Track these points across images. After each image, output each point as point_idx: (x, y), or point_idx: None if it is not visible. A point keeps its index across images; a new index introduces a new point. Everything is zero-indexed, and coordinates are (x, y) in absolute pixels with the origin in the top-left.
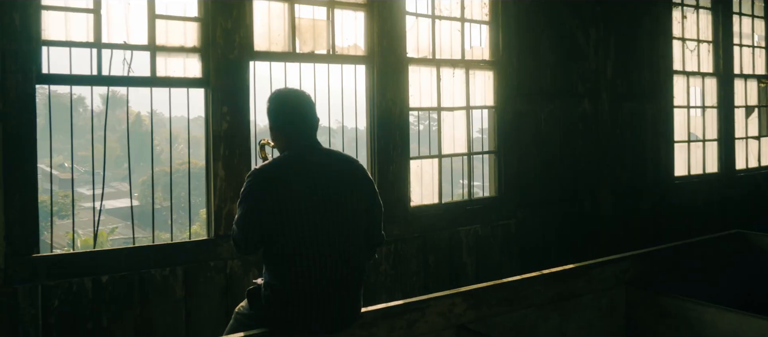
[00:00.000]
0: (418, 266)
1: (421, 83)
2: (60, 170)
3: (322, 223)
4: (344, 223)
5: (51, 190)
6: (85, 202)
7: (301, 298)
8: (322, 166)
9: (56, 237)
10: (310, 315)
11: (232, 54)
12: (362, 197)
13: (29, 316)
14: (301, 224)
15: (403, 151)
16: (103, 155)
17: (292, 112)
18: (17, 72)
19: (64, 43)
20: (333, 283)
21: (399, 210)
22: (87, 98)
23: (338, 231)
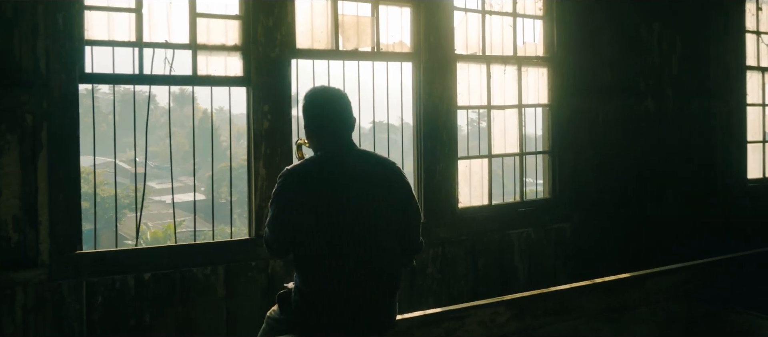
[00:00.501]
0: (467, 269)
1: (470, 81)
2: (132, 164)
3: (353, 227)
4: (376, 227)
5: (115, 184)
6: (155, 196)
7: (330, 303)
8: (355, 168)
9: (128, 229)
10: (338, 321)
11: (273, 52)
12: (396, 202)
13: (74, 311)
14: (330, 227)
15: (450, 151)
16: (169, 151)
17: (325, 111)
18: (61, 71)
19: (106, 42)
20: (363, 289)
21: (446, 212)
22: (157, 96)
23: (369, 236)
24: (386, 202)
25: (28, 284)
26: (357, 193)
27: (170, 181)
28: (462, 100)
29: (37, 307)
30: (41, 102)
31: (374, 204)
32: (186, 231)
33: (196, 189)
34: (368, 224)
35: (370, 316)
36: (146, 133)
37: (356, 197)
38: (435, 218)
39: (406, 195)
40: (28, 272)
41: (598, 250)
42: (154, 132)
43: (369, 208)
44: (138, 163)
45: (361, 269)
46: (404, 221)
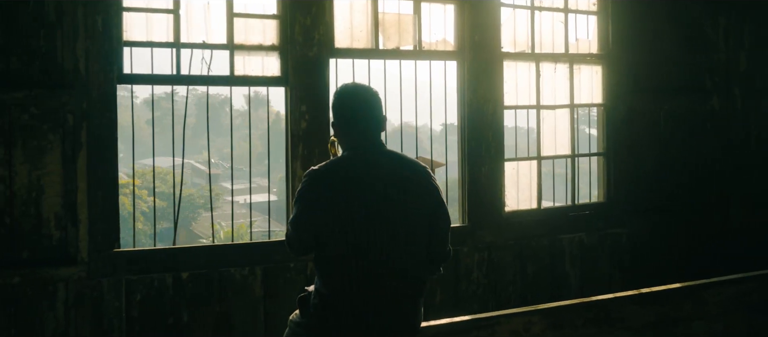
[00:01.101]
0: (515, 275)
1: (517, 80)
2: (207, 165)
3: (375, 230)
4: (400, 232)
5: (179, 182)
6: (229, 196)
7: (350, 307)
8: (382, 170)
9: (204, 229)
10: (358, 326)
11: (311, 51)
12: (423, 206)
13: (113, 308)
14: (351, 229)
15: (496, 152)
16: (249, 152)
17: (355, 109)
18: (99, 72)
19: (144, 43)
20: (384, 294)
21: (492, 215)
22: (232, 98)
23: (393, 240)
24: (413, 206)
25: (68, 280)
26: (382, 195)
27: (246, 181)
28: (509, 99)
29: (77, 303)
30: (81, 102)
31: (400, 207)
32: (259, 231)
33: (269, 190)
34: (392, 227)
35: (391, 321)
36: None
37: (381, 200)
38: (480, 222)
39: (434, 200)
40: (69, 269)
41: (658, 258)
42: (227, 134)
43: (394, 211)
44: (212, 164)
45: (383, 274)
46: (432, 227)
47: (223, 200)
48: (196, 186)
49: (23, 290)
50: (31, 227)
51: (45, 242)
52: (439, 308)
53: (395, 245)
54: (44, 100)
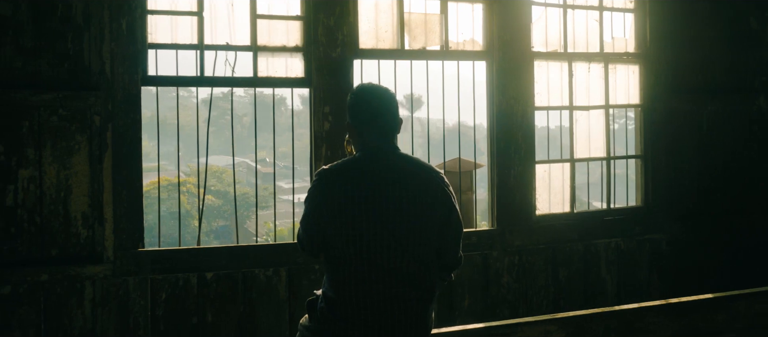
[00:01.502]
0: (547, 280)
1: (549, 80)
2: (262, 164)
3: (383, 234)
4: (408, 236)
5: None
6: (284, 194)
7: (355, 312)
8: (392, 172)
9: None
10: (364, 332)
11: (335, 52)
12: (434, 211)
13: (139, 306)
14: (358, 233)
15: (527, 154)
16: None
17: (367, 110)
18: (124, 74)
19: (168, 45)
20: (389, 300)
21: (521, 218)
22: (286, 99)
23: (402, 244)
24: (424, 210)
25: (95, 278)
26: (392, 198)
27: (300, 180)
28: (540, 100)
29: (103, 301)
30: (106, 104)
31: (410, 212)
32: None
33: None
34: (401, 232)
35: (399, 328)
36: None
37: (391, 203)
38: (509, 225)
39: (446, 206)
40: (95, 268)
41: (700, 265)
42: (283, 133)
43: (404, 215)
44: (267, 163)
45: (391, 279)
46: (443, 233)
47: (279, 199)
48: (252, 185)
49: (52, 287)
50: (59, 226)
51: (73, 241)
52: (468, 313)
53: (403, 250)
54: (72, 102)
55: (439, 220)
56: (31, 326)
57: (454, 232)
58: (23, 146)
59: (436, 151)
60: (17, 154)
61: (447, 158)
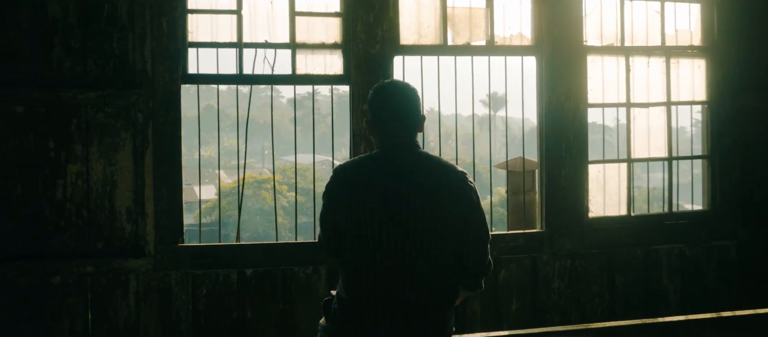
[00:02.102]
0: (602, 286)
1: (604, 75)
2: (342, 161)
3: (394, 234)
4: (422, 238)
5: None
6: None
7: (367, 315)
8: (408, 171)
9: None
10: (373, 334)
11: (374, 49)
12: (452, 213)
13: (180, 301)
14: (369, 231)
15: (578, 153)
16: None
17: (384, 107)
18: (164, 72)
19: (208, 44)
20: (401, 303)
21: (572, 221)
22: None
23: (413, 246)
24: (440, 212)
25: (138, 272)
26: (406, 198)
27: None
28: (594, 97)
29: (146, 294)
30: (148, 101)
31: (424, 213)
32: None
33: None
34: (414, 233)
35: (410, 332)
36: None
37: (404, 203)
38: (559, 228)
39: (468, 207)
40: (138, 261)
41: None
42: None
43: (418, 216)
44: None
45: (403, 283)
46: (463, 236)
47: None
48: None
49: (98, 279)
50: (105, 220)
51: (117, 234)
52: (515, 318)
53: (417, 252)
54: (116, 100)
55: (457, 222)
56: (79, 316)
57: (475, 235)
58: (72, 143)
59: (515, 149)
60: (66, 150)
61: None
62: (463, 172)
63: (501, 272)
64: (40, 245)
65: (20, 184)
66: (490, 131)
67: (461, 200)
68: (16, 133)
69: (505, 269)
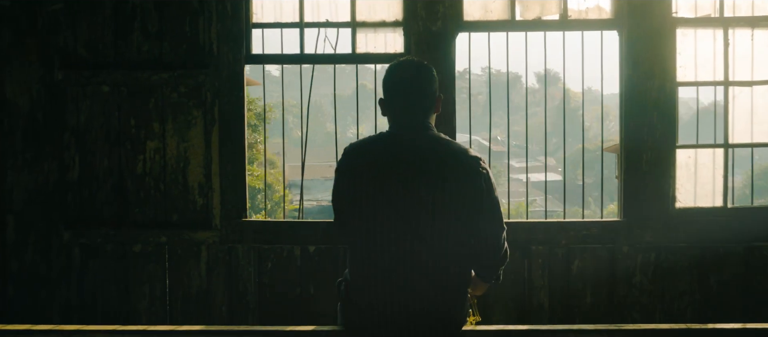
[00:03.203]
0: (691, 285)
1: (696, 50)
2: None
3: (394, 217)
4: (424, 222)
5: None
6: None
7: (366, 297)
8: (415, 153)
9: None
10: (378, 321)
11: (435, 26)
12: (459, 199)
13: (247, 273)
14: (370, 213)
15: (664, 137)
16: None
17: (394, 87)
18: (228, 53)
19: (271, 24)
20: (403, 288)
21: (654, 211)
22: (522, 77)
23: (412, 230)
24: (445, 196)
25: (208, 244)
26: (409, 180)
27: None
28: (684, 74)
29: (214, 265)
30: (214, 81)
31: (428, 197)
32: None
33: (553, 169)
34: (415, 217)
35: (412, 319)
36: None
37: (408, 185)
38: (638, 218)
39: (476, 194)
40: (206, 233)
41: None
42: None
43: (421, 200)
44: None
45: (402, 266)
46: (473, 225)
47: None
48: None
49: (174, 248)
50: (179, 193)
51: (190, 207)
52: (589, 312)
53: (417, 239)
54: (187, 80)
55: (463, 210)
56: (158, 282)
57: (486, 225)
58: (150, 120)
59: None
60: (145, 127)
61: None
62: (476, 157)
63: (574, 262)
64: (123, 214)
65: (107, 158)
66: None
67: (469, 187)
68: (102, 111)
69: (579, 260)
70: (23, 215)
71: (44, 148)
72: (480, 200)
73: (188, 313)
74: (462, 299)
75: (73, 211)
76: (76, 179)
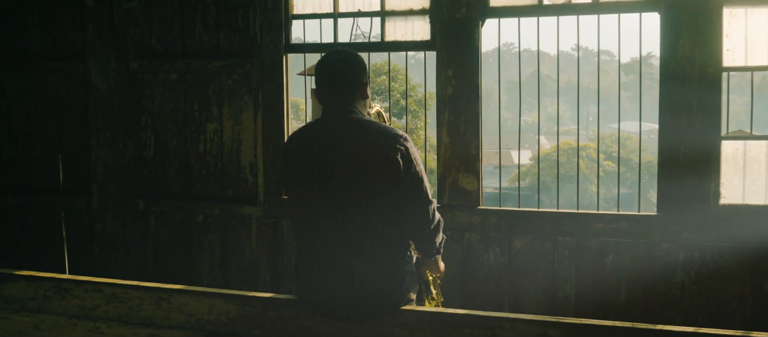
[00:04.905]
0: (743, 289)
1: (747, 32)
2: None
3: (324, 201)
4: (350, 203)
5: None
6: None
7: (305, 274)
8: (338, 139)
9: None
10: (313, 295)
11: (459, 13)
12: (380, 177)
13: (291, 247)
14: (301, 194)
15: (705, 127)
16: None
17: (323, 73)
18: (270, 43)
19: (308, 15)
20: (340, 267)
21: (693, 206)
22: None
23: (342, 212)
24: (367, 177)
25: (256, 218)
26: (334, 164)
27: None
28: (733, 58)
29: (260, 237)
30: (259, 69)
31: (351, 178)
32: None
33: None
34: (343, 199)
35: (352, 300)
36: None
37: (332, 169)
38: (675, 213)
39: (395, 169)
40: (253, 208)
41: None
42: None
43: (344, 182)
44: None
45: (339, 248)
46: (397, 199)
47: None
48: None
49: (228, 220)
50: (233, 171)
51: (242, 184)
52: (625, 309)
53: (347, 218)
54: (237, 68)
55: (385, 185)
56: (216, 250)
57: (413, 197)
58: (210, 105)
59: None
60: (206, 111)
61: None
62: (396, 135)
63: (608, 256)
64: (188, 188)
65: (175, 138)
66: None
67: (386, 164)
68: (171, 96)
69: (614, 254)
70: (104, 185)
71: (120, 129)
72: (398, 176)
73: (242, 280)
74: (399, 277)
75: (149, 184)
76: (152, 156)
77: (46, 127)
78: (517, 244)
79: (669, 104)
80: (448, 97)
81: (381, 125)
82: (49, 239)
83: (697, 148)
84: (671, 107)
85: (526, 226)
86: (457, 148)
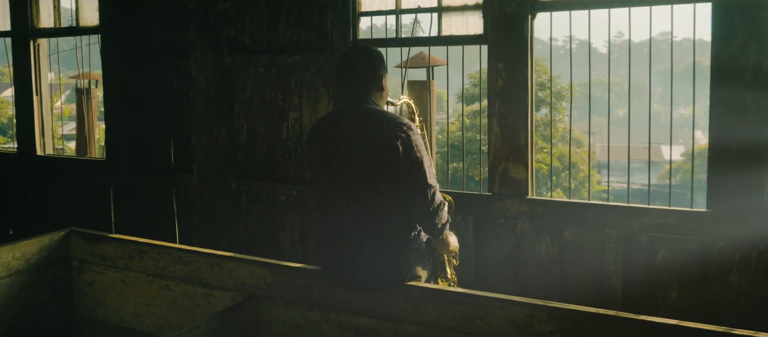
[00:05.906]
0: None
1: None
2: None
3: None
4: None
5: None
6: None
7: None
8: (350, 124)
9: None
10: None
11: (509, 7)
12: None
13: None
14: (316, 175)
15: (759, 121)
16: None
17: (341, 66)
18: (339, 39)
19: (373, 12)
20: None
21: (746, 204)
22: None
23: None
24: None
25: None
26: (343, 149)
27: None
28: None
29: None
30: (331, 62)
31: (356, 162)
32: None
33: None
34: (354, 180)
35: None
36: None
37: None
38: (727, 211)
39: (396, 154)
40: None
41: None
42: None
43: (350, 165)
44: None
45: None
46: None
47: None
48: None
49: (305, 201)
50: None
51: None
52: (674, 307)
53: (353, 198)
54: (313, 62)
55: (388, 169)
56: (296, 228)
57: (411, 180)
58: (291, 95)
59: None
60: (288, 101)
61: None
62: (404, 123)
63: (659, 251)
64: (273, 170)
65: (263, 126)
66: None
67: (388, 150)
68: (259, 88)
69: (665, 250)
70: (202, 166)
71: (217, 117)
72: (399, 160)
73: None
74: (404, 254)
75: (241, 166)
76: (244, 142)
77: (161, 115)
78: (568, 234)
79: (720, 97)
80: (499, 90)
81: (390, 115)
82: (163, 212)
83: (749, 143)
84: (723, 101)
85: (573, 217)
86: (507, 139)
